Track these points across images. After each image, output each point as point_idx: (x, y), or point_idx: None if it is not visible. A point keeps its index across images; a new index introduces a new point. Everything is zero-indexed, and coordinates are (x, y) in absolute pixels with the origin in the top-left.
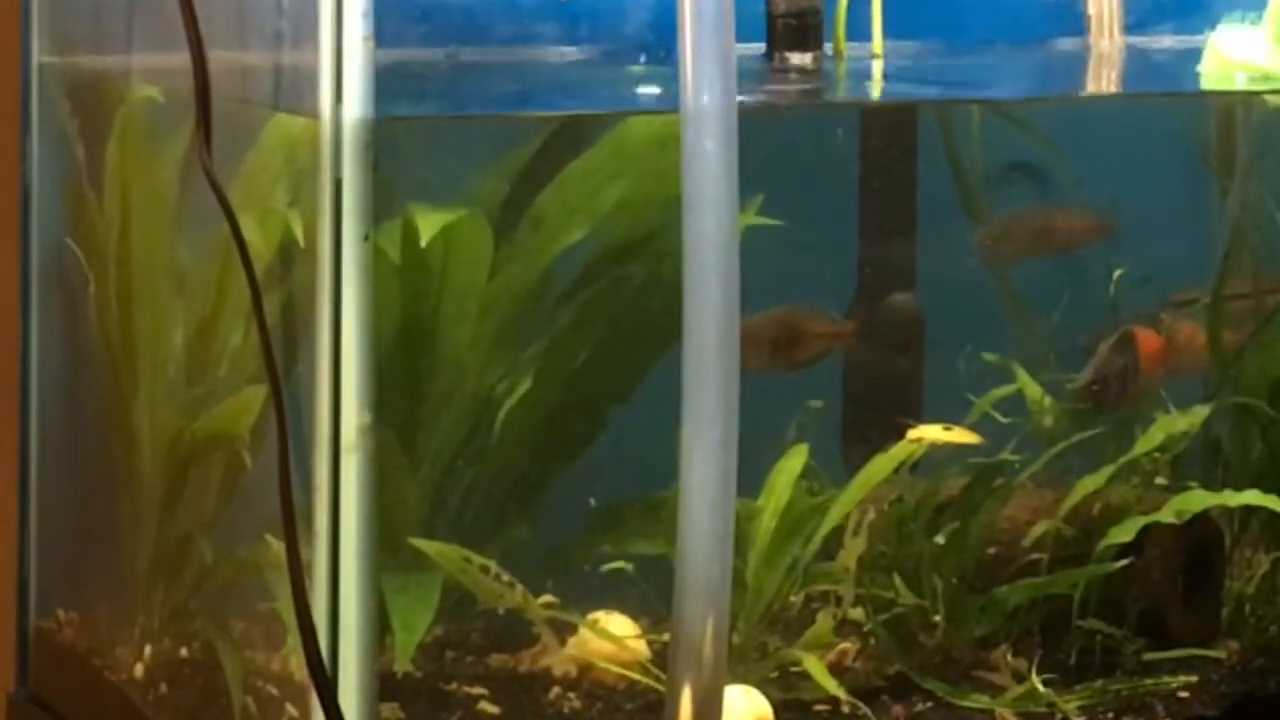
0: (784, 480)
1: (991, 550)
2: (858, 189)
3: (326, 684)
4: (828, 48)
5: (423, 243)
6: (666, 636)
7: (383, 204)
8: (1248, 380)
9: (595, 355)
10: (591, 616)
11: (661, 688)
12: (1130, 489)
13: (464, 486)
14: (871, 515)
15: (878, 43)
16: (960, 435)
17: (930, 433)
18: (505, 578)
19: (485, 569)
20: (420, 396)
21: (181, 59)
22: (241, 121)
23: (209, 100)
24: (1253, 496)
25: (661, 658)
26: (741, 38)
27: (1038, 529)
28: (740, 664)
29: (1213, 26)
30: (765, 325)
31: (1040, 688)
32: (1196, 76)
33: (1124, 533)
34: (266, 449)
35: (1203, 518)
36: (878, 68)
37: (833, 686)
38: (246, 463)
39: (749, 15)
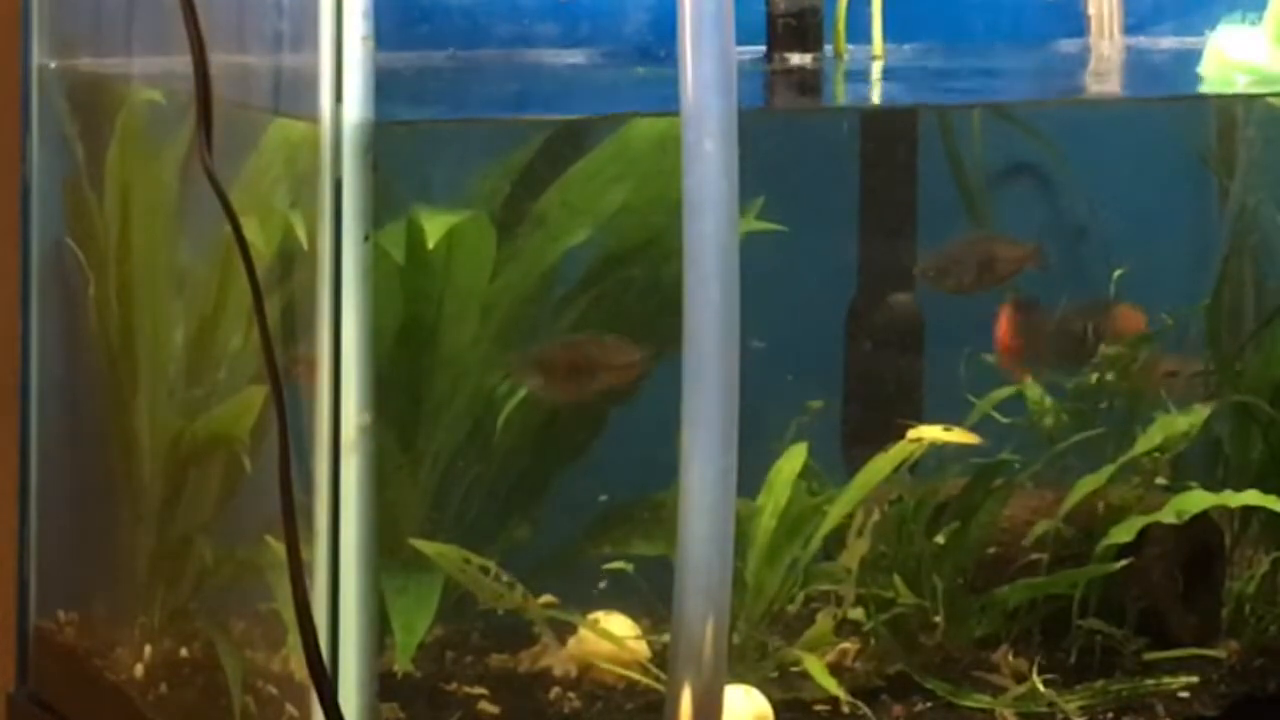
0: (784, 480)
1: (991, 550)
2: (858, 190)
3: (326, 684)
4: (828, 49)
5: (430, 245)
6: (667, 636)
7: (386, 206)
8: (1248, 380)
9: None
10: (591, 616)
11: (661, 688)
12: (1130, 489)
13: (465, 487)
14: (877, 516)
15: (878, 44)
16: (960, 436)
17: (930, 433)
18: (505, 578)
19: (485, 569)
20: (422, 397)
21: (182, 61)
22: (242, 124)
23: (210, 102)
24: (1253, 496)
25: (661, 658)
26: (741, 39)
27: (1038, 529)
28: (740, 664)
29: (1213, 27)
30: (560, 354)
31: (1041, 688)
32: (1196, 77)
33: (1124, 533)
34: (266, 449)
35: (1203, 518)
36: (877, 69)
37: (833, 686)
38: (246, 463)
39: (749, 16)
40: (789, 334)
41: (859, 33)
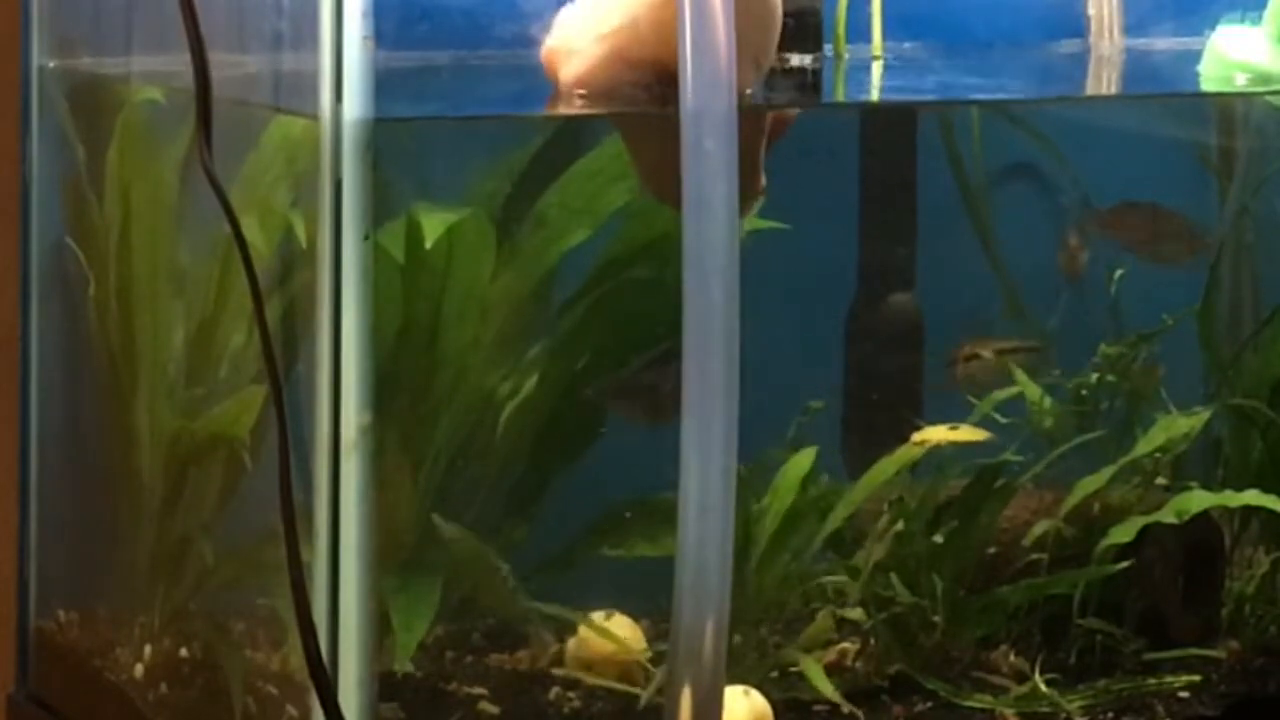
0: (787, 481)
1: (992, 550)
2: (858, 189)
3: (326, 684)
4: (827, 48)
5: (428, 244)
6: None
7: (385, 204)
8: (1247, 381)
9: (598, 356)
10: (591, 616)
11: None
12: (1131, 489)
13: (465, 487)
14: (894, 520)
15: (877, 44)
16: (966, 434)
17: (936, 434)
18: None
19: (495, 568)
20: (422, 397)
21: (182, 60)
22: (242, 123)
23: (209, 101)
24: (1253, 496)
25: (661, 658)
26: None
27: (1038, 529)
28: (740, 664)
29: (1213, 27)
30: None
31: (1043, 687)
32: (1196, 78)
33: (1124, 533)
34: (266, 449)
35: (1203, 518)
36: (877, 69)
37: (829, 691)
38: (246, 463)
39: None
40: (789, 334)
41: (858, 32)
